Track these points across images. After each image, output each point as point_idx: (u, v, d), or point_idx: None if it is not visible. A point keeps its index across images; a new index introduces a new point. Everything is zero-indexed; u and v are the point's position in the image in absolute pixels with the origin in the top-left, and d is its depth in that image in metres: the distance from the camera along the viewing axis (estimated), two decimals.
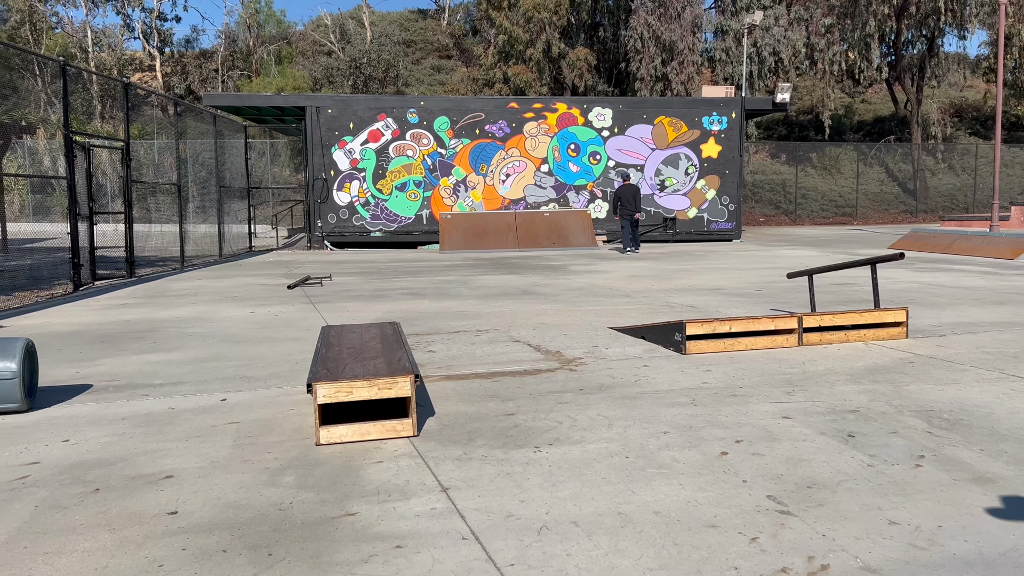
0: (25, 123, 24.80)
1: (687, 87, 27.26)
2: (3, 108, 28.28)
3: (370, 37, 38.07)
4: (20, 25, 32.98)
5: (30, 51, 13.60)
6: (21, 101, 30.27)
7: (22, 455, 3.73)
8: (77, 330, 7.41)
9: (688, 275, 11.94)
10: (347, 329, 5.29)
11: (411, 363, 4.09)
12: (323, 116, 19.29)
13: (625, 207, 17.02)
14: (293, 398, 4.74)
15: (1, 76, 31.46)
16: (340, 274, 12.71)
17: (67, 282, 10.90)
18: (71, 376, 5.42)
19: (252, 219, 19.96)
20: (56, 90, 35.74)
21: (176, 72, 37.84)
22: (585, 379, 5.08)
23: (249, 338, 6.88)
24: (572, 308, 8.47)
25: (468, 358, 5.83)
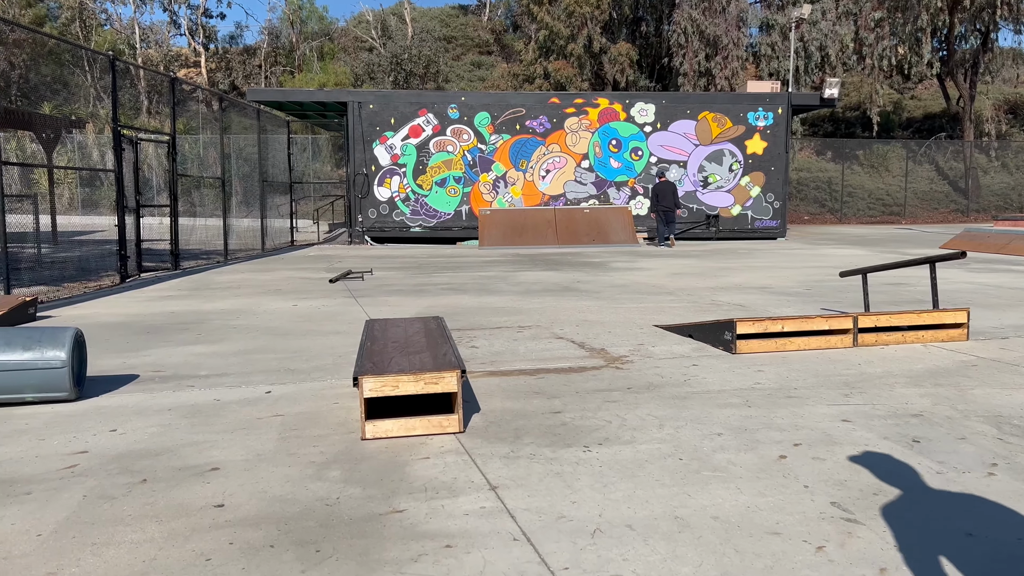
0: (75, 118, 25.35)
1: (731, 83, 26.84)
2: (55, 103, 28.96)
3: (411, 33, 38.21)
4: (71, 22, 33.74)
5: (81, 46, 13.87)
6: (72, 96, 31.00)
7: (71, 444, 3.73)
8: (124, 321, 7.49)
9: (733, 273, 11.71)
10: (391, 323, 5.24)
11: (457, 358, 4.01)
12: (364, 111, 19.36)
13: (662, 204, 17.46)
14: (337, 391, 4.70)
15: (53, 72, 32.23)
16: (381, 269, 12.73)
17: (114, 274, 11.07)
18: (118, 366, 5.45)
19: (294, 214, 20.14)
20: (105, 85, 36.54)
21: (220, 68, 38.40)
22: (632, 377, 4.96)
23: (292, 331, 6.88)
24: (615, 305, 8.34)
25: (511, 354, 5.74)
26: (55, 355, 4.36)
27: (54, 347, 4.38)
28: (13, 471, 3.37)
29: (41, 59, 31.38)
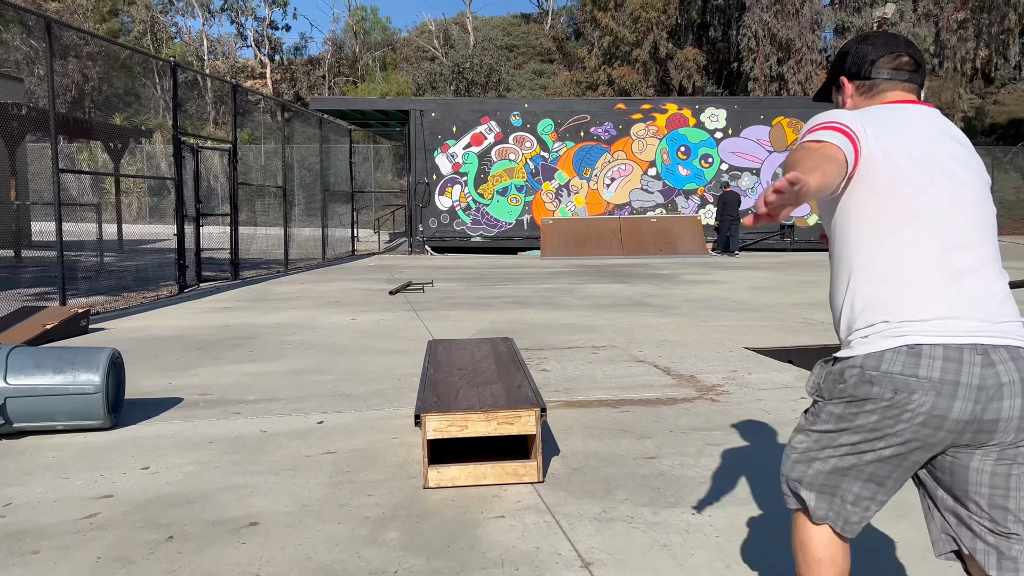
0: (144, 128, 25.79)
1: (805, 87, 25.74)
2: (125, 114, 29.61)
3: (473, 42, 38.03)
4: (142, 35, 34.56)
5: (142, 51, 13.93)
6: (142, 107, 31.68)
7: (96, 485, 3.28)
8: (177, 334, 7.15)
9: (819, 288, 10.87)
10: (456, 345, 4.70)
11: (534, 392, 3.44)
12: (426, 120, 19.05)
13: (728, 213, 17.23)
14: (396, 422, 4.17)
15: (125, 84, 33.03)
16: (441, 280, 12.27)
17: (173, 283, 10.86)
18: (163, 387, 5.05)
19: (355, 223, 19.93)
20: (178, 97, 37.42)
21: (285, 79, 38.87)
22: (732, 413, 4.30)
23: (349, 348, 6.41)
24: (695, 323, 7.66)
25: (587, 380, 5.14)
26: (88, 379, 3.95)
27: (88, 370, 3.96)
28: (27, 520, 2.92)
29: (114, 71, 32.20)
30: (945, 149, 1.68)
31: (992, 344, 1.54)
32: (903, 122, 1.70)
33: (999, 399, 1.52)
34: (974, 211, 1.65)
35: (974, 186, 1.67)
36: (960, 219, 1.63)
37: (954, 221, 1.62)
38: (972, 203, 1.65)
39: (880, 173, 1.64)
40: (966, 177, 1.67)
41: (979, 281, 1.59)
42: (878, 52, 1.83)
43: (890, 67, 1.82)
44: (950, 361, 1.53)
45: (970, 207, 1.65)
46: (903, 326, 1.58)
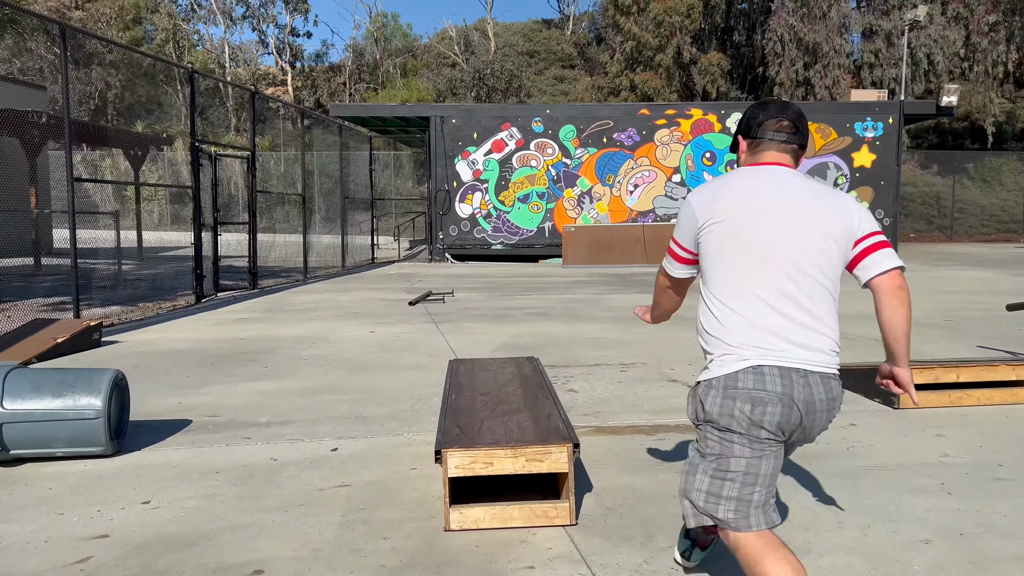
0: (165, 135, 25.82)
1: (832, 92, 25.26)
2: (147, 121, 29.71)
3: (494, 48, 37.86)
4: (165, 43, 34.73)
5: (159, 57, 13.79)
6: (164, 115, 31.79)
7: (91, 522, 3.03)
8: (190, 348, 6.94)
9: (852, 299, 10.44)
10: (479, 365, 4.42)
11: (565, 424, 3.14)
12: (447, 126, 18.84)
13: None
14: (415, 450, 3.90)
15: (148, 91, 33.20)
16: (462, 289, 12.01)
17: (190, 293, 10.68)
18: (172, 408, 4.81)
19: (375, 231, 19.75)
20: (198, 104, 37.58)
21: (306, 86, 38.91)
22: None
23: (367, 364, 6.16)
24: None
25: (618, 402, 4.84)
26: (89, 403, 3.71)
27: (89, 393, 3.73)
28: (12, 565, 2.67)
29: (137, 79, 32.38)
30: (773, 210, 2.05)
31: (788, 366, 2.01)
32: (749, 186, 2.11)
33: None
34: (788, 260, 2.03)
35: (791, 237, 2.02)
36: (772, 268, 2.03)
37: (767, 270, 2.03)
38: (787, 253, 2.03)
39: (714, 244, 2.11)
40: (787, 231, 2.03)
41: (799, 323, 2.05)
42: (766, 116, 2.19)
43: (772, 129, 2.17)
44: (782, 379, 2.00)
45: (784, 257, 2.03)
46: (734, 352, 2.07)
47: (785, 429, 1.99)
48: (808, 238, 2.03)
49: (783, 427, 1.98)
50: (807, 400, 1.97)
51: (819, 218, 2.04)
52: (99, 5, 31.57)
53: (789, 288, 2.02)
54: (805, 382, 1.98)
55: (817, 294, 2.04)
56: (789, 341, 1.99)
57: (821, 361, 2.01)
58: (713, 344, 2.08)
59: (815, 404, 1.99)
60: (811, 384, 1.98)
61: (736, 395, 1.98)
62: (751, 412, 1.96)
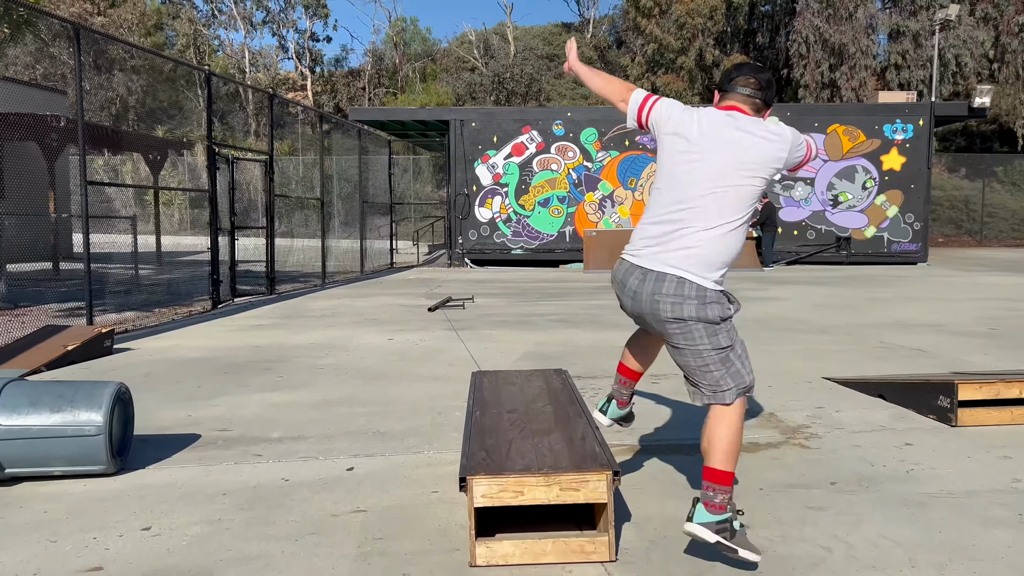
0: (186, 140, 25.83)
1: (859, 94, 24.77)
2: (168, 126, 29.78)
3: (513, 52, 37.67)
4: (185, 49, 34.86)
5: (176, 59, 13.77)
6: (185, 120, 31.87)
7: (86, 552, 2.79)
8: (204, 356, 6.72)
9: (888, 305, 10.11)
10: (503, 378, 4.15)
11: (603, 448, 2.86)
12: (467, 130, 18.61)
13: (773, 224, 17.20)
14: (436, 470, 3.63)
15: (169, 96, 33.32)
16: (482, 295, 11.75)
17: (207, 298, 10.50)
18: (181, 421, 4.58)
19: (394, 235, 19.56)
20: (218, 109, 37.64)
21: (326, 91, 38.92)
22: (829, 463, 3.67)
23: (385, 374, 5.90)
24: (762, 347, 7.00)
25: (653, 417, 4.55)
26: (89, 419, 3.47)
27: (89, 408, 3.49)
28: None
29: (159, 84, 32.50)
30: (718, 146, 2.60)
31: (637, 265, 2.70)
32: (697, 122, 2.67)
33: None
34: (716, 188, 2.57)
35: (724, 169, 2.57)
36: (689, 184, 2.61)
37: (683, 185, 2.62)
38: (714, 183, 2.57)
39: (662, 149, 2.73)
40: (719, 164, 2.58)
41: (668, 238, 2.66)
42: (739, 74, 2.72)
43: (740, 84, 2.70)
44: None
45: (711, 185, 2.57)
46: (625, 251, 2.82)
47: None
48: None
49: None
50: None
51: (748, 146, 2.65)
52: (121, 11, 31.74)
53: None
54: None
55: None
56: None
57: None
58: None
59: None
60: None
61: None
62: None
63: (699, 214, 2.60)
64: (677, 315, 2.61)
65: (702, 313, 2.60)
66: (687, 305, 2.60)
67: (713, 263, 2.62)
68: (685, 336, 2.65)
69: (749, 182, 2.60)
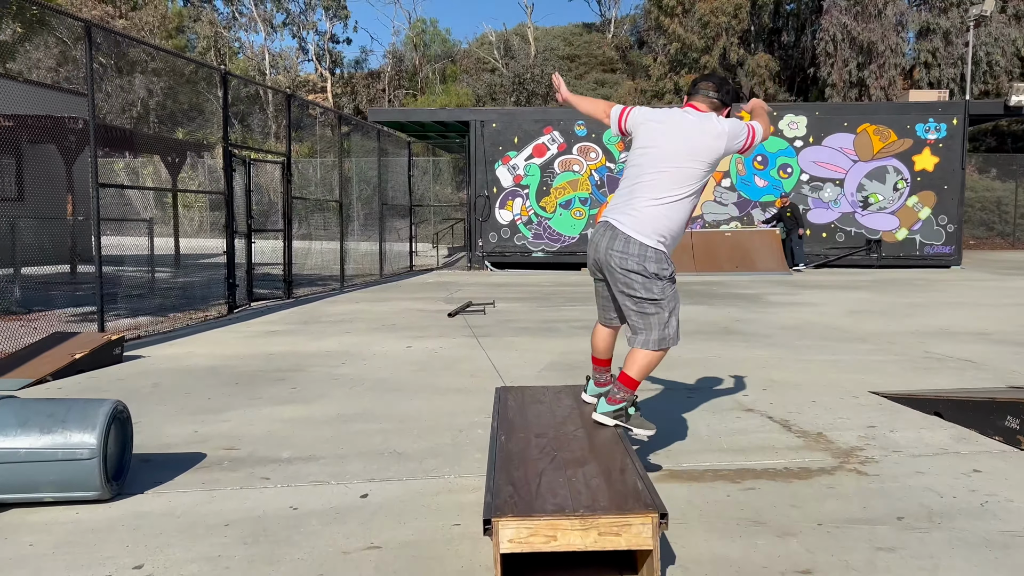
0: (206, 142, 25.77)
1: (888, 93, 24.19)
2: (188, 129, 29.77)
3: (534, 52, 37.37)
4: (206, 51, 34.90)
5: (191, 58, 13.65)
6: (206, 122, 31.86)
7: None
8: (216, 365, 6.47)
9: (927, 311, 9.67)
10: (530, 396, 3.83)
11: (645, 482, 2.54)
12: (487, 130, 18.33)
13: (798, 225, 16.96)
14: (457, 498, 3.32)
15: (190, 99, 33.34)
16: (503, 299, 11.45)
17: (223, 303, 10.27)
18: (187, 438, 4.31)
19: (413, 237, 19.31)
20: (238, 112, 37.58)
21: (346, 93, 38.82)
22: (892, 494, 3.32)
23: (403, 385, 5.61)
24: (799, 357, 6.63)
25: (691, 438, 4.21)
26: (82, 441, 3.20)
27: (82, 429, 3.22)
28: None
29: (180, 87, 32.52)
30: (671, 134, 3.29)
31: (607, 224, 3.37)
32: (660, 116, 3.39)
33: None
34: (666, 167, 3.24)
35: (674, 153, 3.24)
36: (646, 163, 3.30)
37: (642, 164, 3.31)
38: (665, 163, 3.25)
39: (635, 138, 3.40)
40: (671, 148, 3.26)
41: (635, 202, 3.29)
42: (703, 79, 3.46)
43: (701, 88, 3.42)
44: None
45: (663, 165, 3.25)
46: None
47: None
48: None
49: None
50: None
51: (699, 141, 3.29)
52: (142, 14, 31.80)
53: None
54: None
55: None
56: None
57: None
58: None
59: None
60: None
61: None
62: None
63: (649, 187, 3.27)
64: (622, 266, 3.23)
65: (641, 267, 3.21)
66: (630, 259, 3.22)
67: (656, 228, 3.22)
68: (626, 284, 3.26)
69: (691, 165, 3.24)
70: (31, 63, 28.41)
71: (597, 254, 3.37)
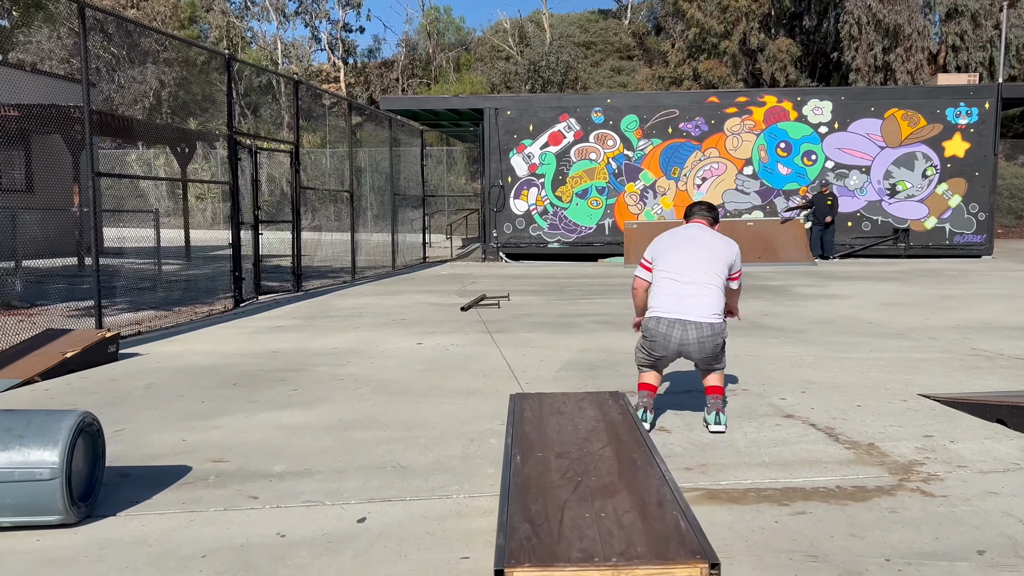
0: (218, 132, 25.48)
1: (915, 77, 23.49)
2: (201, 119, 29.50)
3: (549, 39, 36.79)
4: (219, 41, 34.61)
5: (191, 41, 13.37)
6: (218, 112, 31.59)
7: None
8: (215, 364, 6.11)
9: (965, 304, 9.17)
10: (548, 404, 3.43)
11: (688, 519, 2.12)
12: (501, 118, 17.88)
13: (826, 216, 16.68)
14: (467, 523, 2.93)
15: (202, 89, 33.08)
16: (518, 292, 11.05)
17: (230, 296, 9.93)
18: (173, 447, 3.95)
19: (427, 228, 18.94)
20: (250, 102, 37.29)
21: (359, 82, 38.44)
22: (964, 519, 2.89)
23: (411, 387, 5.23)
24: (837, 354, 6.18)
25: (727, 450, 3.79)
26: (42, 459, 2.84)
27: (42, 445, 2.85)
28: None
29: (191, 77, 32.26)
30: (688, 247, 4.34)
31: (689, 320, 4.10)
32: (676, 232, 4.48)
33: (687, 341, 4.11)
34: (697, 270, 4.21)
35: (698, 257, 4.25)
36: (686, 272, 4.21)
37: (682, 274, 4.21)
38: (695, 266, 4.22)
39: (656, 261, 4.39)
40: (694, 253, 4.27)
41: (696, 298, 4.15)
42: (695, 206, 4.69)
43: (696, 211, 4.65)
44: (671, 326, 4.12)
45: (693, 268, 4.22)
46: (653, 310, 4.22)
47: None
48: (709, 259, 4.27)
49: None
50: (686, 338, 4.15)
51: (713, 249, 4.35)
52: (154, 4, 31.54)
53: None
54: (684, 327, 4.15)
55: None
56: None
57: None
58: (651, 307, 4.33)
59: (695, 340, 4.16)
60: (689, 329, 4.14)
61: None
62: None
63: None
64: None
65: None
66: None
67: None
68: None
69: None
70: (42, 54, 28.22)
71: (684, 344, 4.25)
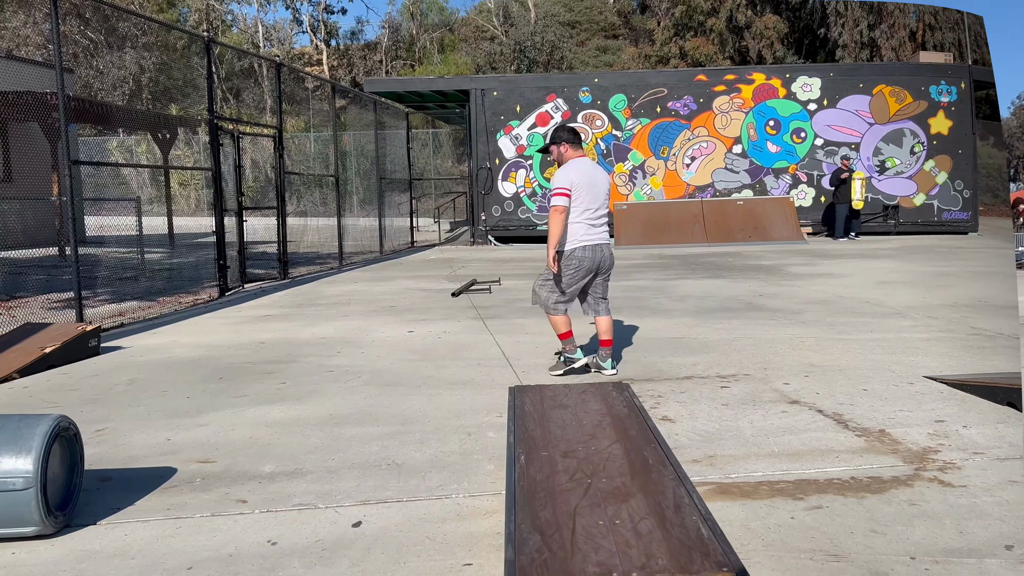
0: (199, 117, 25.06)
1: (899, 54, 23.37)
2: (182, 105, 29.00)
3: (534, 19, 36.39)
4: (198, 25, 33.99)
5: (167, 23, 13.05)
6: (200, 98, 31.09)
7: None
8: (200, 356, 5.93)
9: (958, 281, 9.10)
10: (550, 397, 3.28)
11: (709, 526, 1.99)
12: (488, 99, 17.62)
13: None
14: (468, 525, 2.79)
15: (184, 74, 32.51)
16: (508, 276, 10.88)
17: (215, 285, 9.72)
18: (157, 447, 3.78)
19: (414, 212, 18.69)
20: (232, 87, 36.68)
21: (342, 65, 37.93)
22: (987, 511, 2.78)
23: (404, 378, 5.07)
24: (837, 336, 6.07)
25: (734, 439, 3.66)
26: (15, 467, 2.67)
27: (15, 453, 2.68)
28: None
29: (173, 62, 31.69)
30: (594, 178, 5.03)
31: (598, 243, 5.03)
32: (582, 167, 5.02)
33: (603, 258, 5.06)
34: (604, 202, 5.05)
35: (603, 191, 5.07)
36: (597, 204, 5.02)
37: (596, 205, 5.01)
38: (603, 199, 5.05)
39: (576, 195, 4.93)
40: (600, 188, 5.03)
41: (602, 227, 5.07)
42: (567, 133, 5.09)
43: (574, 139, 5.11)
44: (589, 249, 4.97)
45: (602, 200, 5.04)
46: (580, 240, 4.95)
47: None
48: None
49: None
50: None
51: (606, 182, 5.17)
52: None
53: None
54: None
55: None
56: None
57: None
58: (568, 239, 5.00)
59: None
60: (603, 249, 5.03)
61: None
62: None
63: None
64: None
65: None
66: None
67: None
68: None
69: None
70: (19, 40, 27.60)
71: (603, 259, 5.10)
